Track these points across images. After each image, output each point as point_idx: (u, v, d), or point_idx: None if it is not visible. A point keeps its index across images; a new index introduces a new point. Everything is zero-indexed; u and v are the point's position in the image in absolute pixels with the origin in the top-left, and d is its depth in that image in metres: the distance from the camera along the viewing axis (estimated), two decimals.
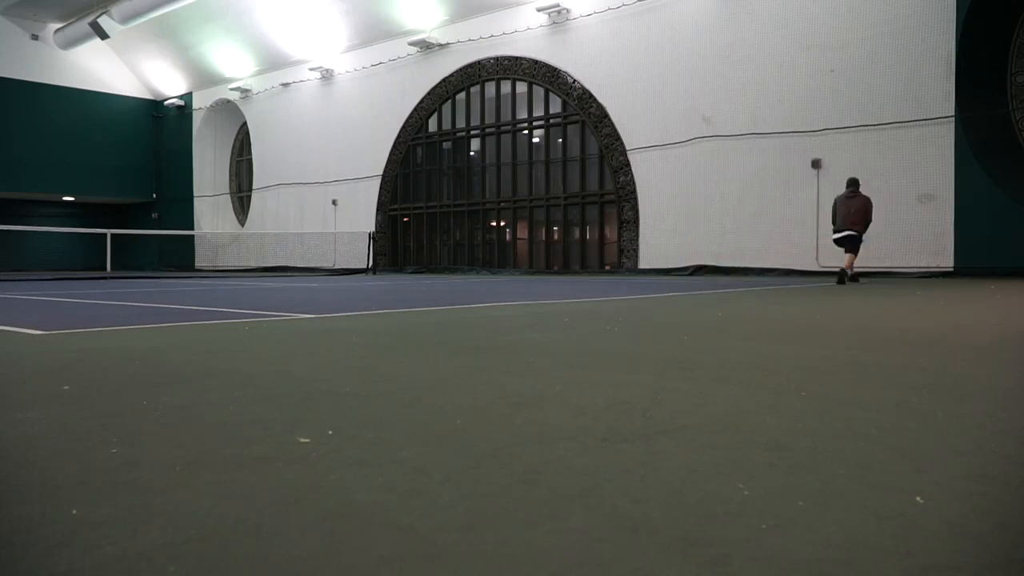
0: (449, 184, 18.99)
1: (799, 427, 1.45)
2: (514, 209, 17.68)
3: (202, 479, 1.13)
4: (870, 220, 9.91)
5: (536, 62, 16.67)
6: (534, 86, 17.01)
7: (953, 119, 11.56)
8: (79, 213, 27.61)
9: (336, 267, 19.71)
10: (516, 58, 16.97)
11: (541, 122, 17.09)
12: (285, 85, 21.90)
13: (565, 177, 16.76)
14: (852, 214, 9.84)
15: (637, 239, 15.25)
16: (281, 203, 22.53)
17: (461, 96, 18.34)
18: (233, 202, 25.23)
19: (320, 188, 21.28)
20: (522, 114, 17.37)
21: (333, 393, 1.87)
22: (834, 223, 10.10)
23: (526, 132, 17.42)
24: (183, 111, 25.30)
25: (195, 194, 25.26)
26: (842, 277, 9.45)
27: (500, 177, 18.02)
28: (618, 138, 15.45)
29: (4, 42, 23.04)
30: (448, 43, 18.03)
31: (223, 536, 0.90)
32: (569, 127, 16.62)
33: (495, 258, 18.14)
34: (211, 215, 25.24)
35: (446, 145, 18.94)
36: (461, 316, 4.49)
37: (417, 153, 19.31)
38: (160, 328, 3.80)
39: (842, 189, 12.93)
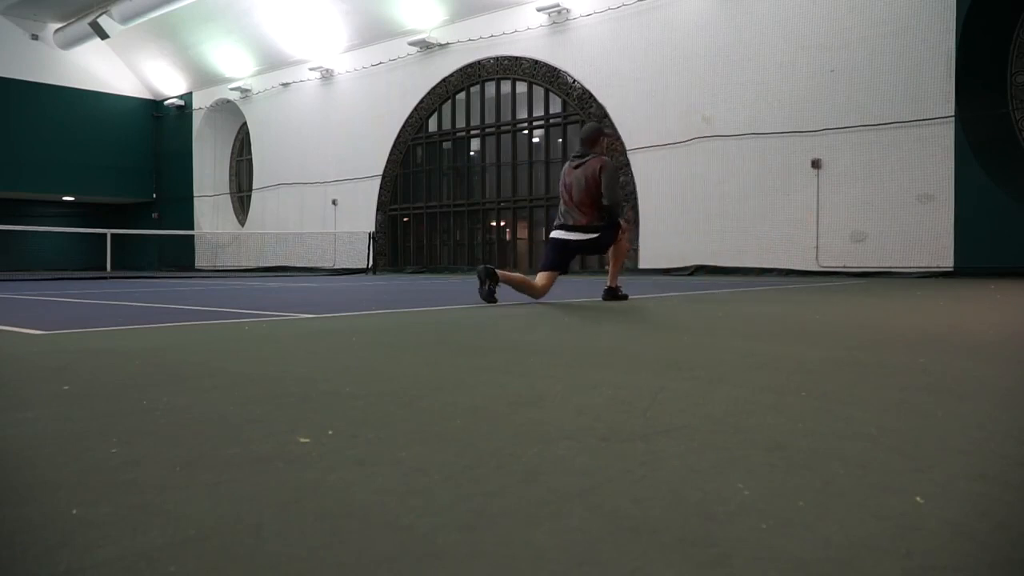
0: (449, 184, 18.99)
1: (799, 427, 1.45)
2: (514, 209, 17.68)
3: (202, 479, 1.13)
4: (616, 197, 5.63)
5: (536, 62, 16.67)
6: (534, 86, 17.01)
7: (953, 119, 11.56)
8: (79, 213, 27.61)
9: (336, 267, 19.71)
10: (516, 58, 16.97)
11: (541, 122, 17.09)
12: (285, 85, 21.90)
13: None
14: (581, 194, 5.60)
15: (637, 239, 15.25)
16: (281, 203, 22.53)
17: (461, 96, 18.35)
18: (233, 202, 25.23)
19: (320, 188, 21.28)
20: (522, 114, 17.38)
21: (333, 393, 1.87)
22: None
23: (526, 132, 17.42)
24: (183, 111, 25.30)
25: (195, 194, 25.26)
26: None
27: (500, 177, 18.02)
28: (618, 138, 15.45)
29: (4, 42, 23.04)
30: (448, 43, 18.04)
31: (223, 536, 0.90)
32: (569, 127, 16.62)
33: (495, 258, 18.13)
34: (211, 215, 25.24)
35: (446, 145, 18.94)
36: (461, 316, 4.49)
37: (417, 153, 19.31)
38: (160, 328, 3.80)
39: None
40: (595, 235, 5.67)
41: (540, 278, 5.67)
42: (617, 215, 5.75)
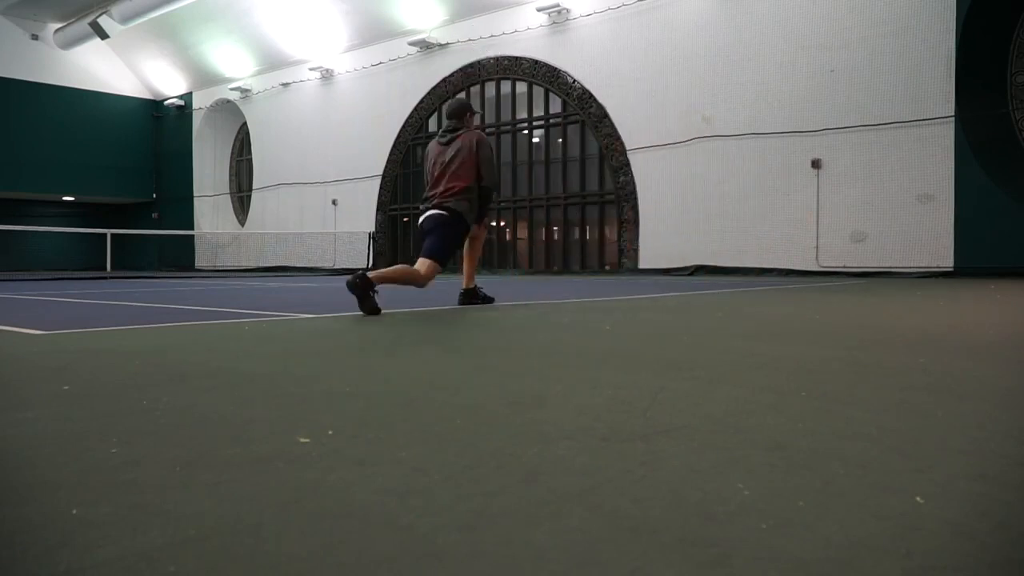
0: None
1: (799, 427, 1.45)
2: (514, 209, 17.68)
3: (202, 479, 1.13)
4: (495, 179, 5.35)
5: (536, 62, 16.67)
6: (534, 86, 17.01)
7: (953, 119, 11.56)
8: (79, 213, 27.61)
9: (336, 267, 19.71)
10: (516, 58, 16.97)
11: (541, 122, 17.09)
12: (285, 85, 21.90)
13: (565, 177, 16.77)
14: (453, 172, 5.21)
15: (637, 239, 15.25)
16: (281, 203, 22.53)
17: (461, 96, 18.35)
18: (233, 202, 25.23)
19: (320, 188, 21.28)
20: (522, 114, 17.38)
21: (333, 393, 1.87)
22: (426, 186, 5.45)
23: (526, 132, 17.42)
24: (183, 111, 25.30)
25: (195, 194, 25.26)
26: (470, 298, 5.61)
27: (500, 177, 18.03)
28: (618, 138, 15.45)
29: (4, 42, 23.04)
30: (448, 43, 18.04)
31: (223, 536, 0.90)
32: (569, 127, 16.62)
33: (495, 258, 18.13)
34: (211, 215, 25.24)
35: None
36: (461, 316, 4.49)
37: (417, 153, 19.31)
38: (160, 328, 3.80)
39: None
40: (448, 214, 5.16)
41: (421, 265, 5.22)
42: (490, 199, 5.41)
